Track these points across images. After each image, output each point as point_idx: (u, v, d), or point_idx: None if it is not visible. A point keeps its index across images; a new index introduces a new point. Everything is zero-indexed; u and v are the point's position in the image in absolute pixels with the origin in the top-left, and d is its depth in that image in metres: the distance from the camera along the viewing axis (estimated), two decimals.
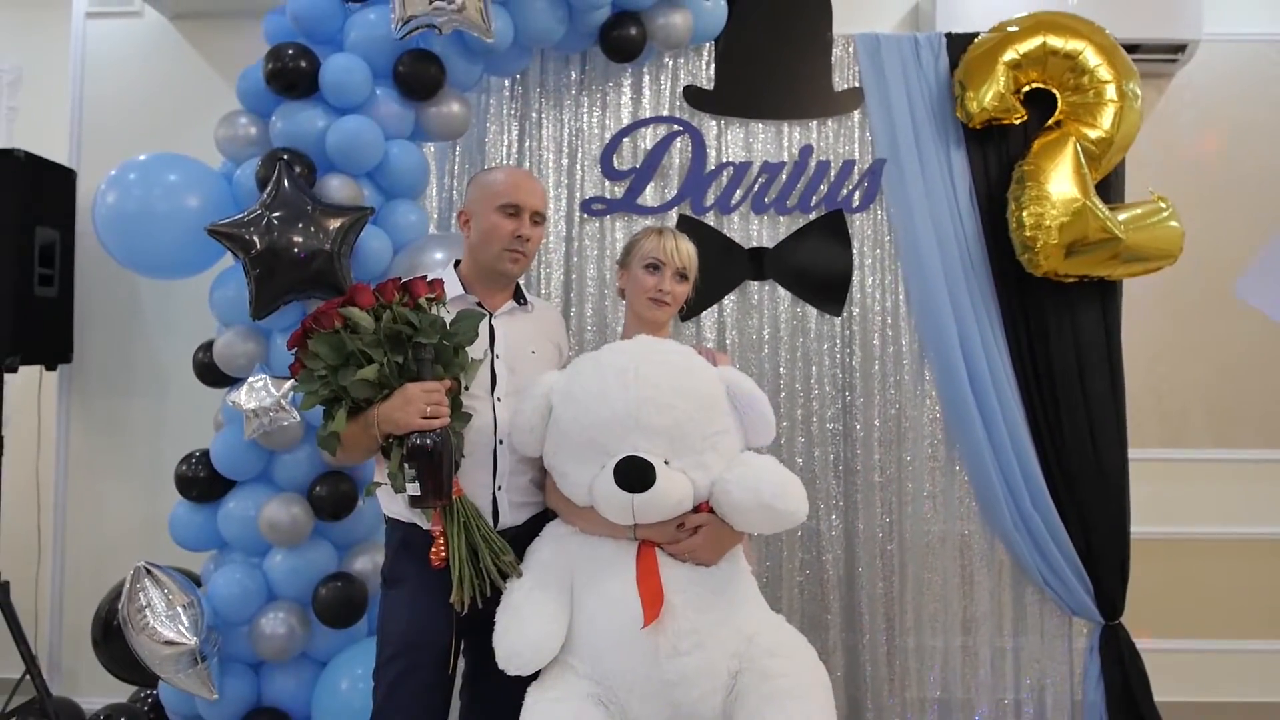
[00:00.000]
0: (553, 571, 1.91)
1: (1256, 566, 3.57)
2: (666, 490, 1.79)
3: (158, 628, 2.43)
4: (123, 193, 2.67)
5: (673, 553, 1.87)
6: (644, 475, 1.77)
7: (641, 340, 1.97)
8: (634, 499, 1.78)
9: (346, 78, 2.63)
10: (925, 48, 3.11)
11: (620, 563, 1.86)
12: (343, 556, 2.78)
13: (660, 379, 1.84)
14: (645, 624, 1.76)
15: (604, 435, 1.83)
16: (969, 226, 3.05)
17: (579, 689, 1.80)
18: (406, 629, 1.94)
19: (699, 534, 1.87)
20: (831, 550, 3.09)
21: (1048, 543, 2.99)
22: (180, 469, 2.73)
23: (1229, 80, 3.66)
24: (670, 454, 1.83)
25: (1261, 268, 2.65)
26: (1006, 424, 3.00)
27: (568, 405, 1.89)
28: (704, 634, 1.81)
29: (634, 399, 1.82)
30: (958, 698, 3.11)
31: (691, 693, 1.78)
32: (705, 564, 1.88)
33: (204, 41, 3.57)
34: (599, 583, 1.86)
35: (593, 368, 1.91)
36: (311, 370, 1.87)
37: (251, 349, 2.68)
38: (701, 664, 1.79)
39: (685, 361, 1.92)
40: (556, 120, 3.16)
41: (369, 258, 2.68)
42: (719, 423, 1.88)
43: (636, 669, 1.78)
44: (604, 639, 1.82)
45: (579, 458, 1.88)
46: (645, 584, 1.80)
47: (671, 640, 1.78)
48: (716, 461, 1.87)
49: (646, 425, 1.81)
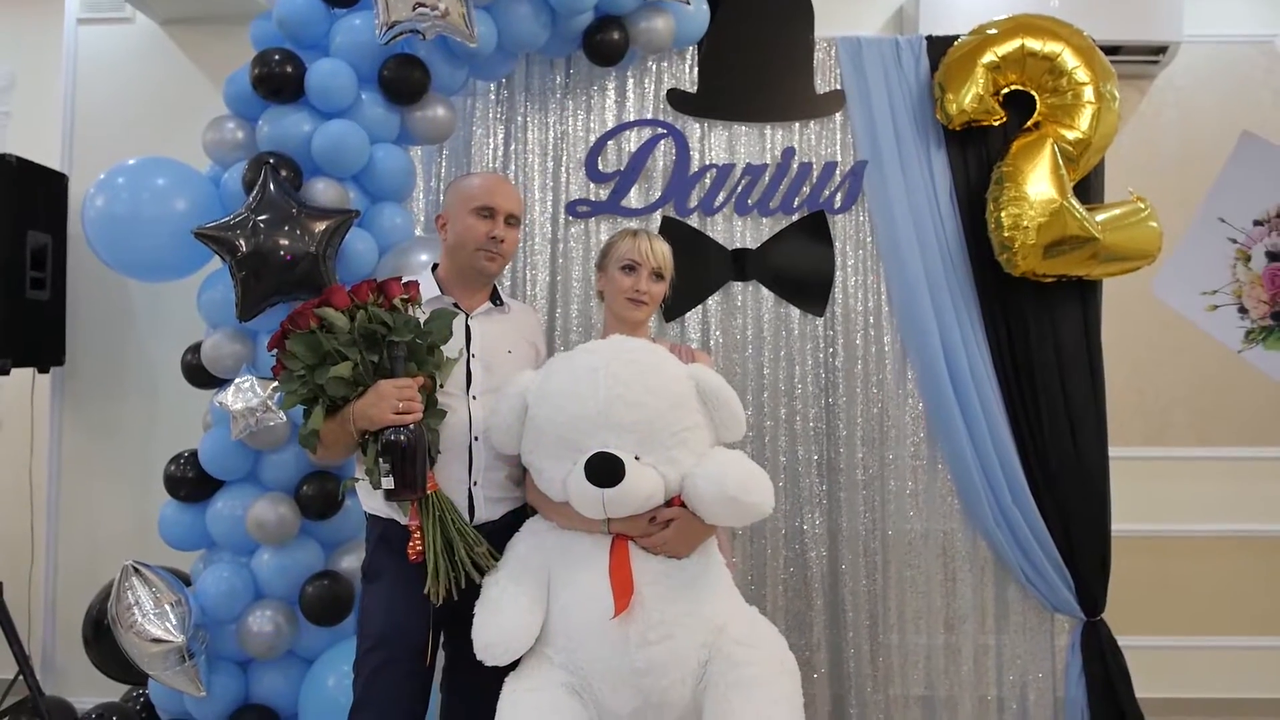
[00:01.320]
0: (528, 565, 1.95)
1: (1238, 564, 3.60)
2: (636, 485, 1.84)
3: (145, 626, 2.47)
4: (111, 196, 2.71)
5: (645, 546, 1.92)
6: (613, 470, 1.82)
7: (613, 340, 2.02)
8: (604, 494, 1.83)
9: (332, 82, 2.67)
10: (906, 50, 3.14)
11: (594, 556, 1.90)
12: (329, 555, 2.81)
13: (630, 377, 1.89)
14: (615, 614, 1.81)
15: (575, 432, 1.88)
16: (949, 227, 3.08)
17: (554, 678, 1.85)
18: (384, 622, 1.98)
19: (670, 527, 1.92)
20: (815, 549, 3.12)
21: (1029, 540, 3.02)
22: (169, 469, 2.77)
23: (1210, 81, 3.70)
24: (640, 450, 1.87)
25: (1173, 267, 2.69)
26: (988, 422, 3.03)
27: (542, 404, 1.94)
28: (673, 624, 1.85)
29: (604, 397, 1.87)
30: (941, 695, 3.13)
31: (661, 681, 1.83)
32: (677, 556, 1.93)
33: (193, 47, 3.61)
34: (573, 575, 1.91)
35: (565, 367, 1.96)
36: (291, 370, 1.91)
37: (238, 350, 2.71)
38: (670, 653, 1.84)
39: (654, 359, 1.96)
40: (541, 123, 3.19)
41: (354, 260, 2.71)
42: (688, 419, 1.93)
43: (608, 658, 1.83)
44: (578, 629, 1.86)
45: (553, 455, 1.92)
46: (616, 576, 1.85)
47: (641, 630, 1.83)
48: (686, 457, 1.92)
49: (616, 422, 1.86)
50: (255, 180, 2.61)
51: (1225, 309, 2.84)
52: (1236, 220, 2.80)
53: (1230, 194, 2.84)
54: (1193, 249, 2.67)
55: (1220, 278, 2.83)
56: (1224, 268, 2.83)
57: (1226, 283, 2.83)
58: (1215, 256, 2.75)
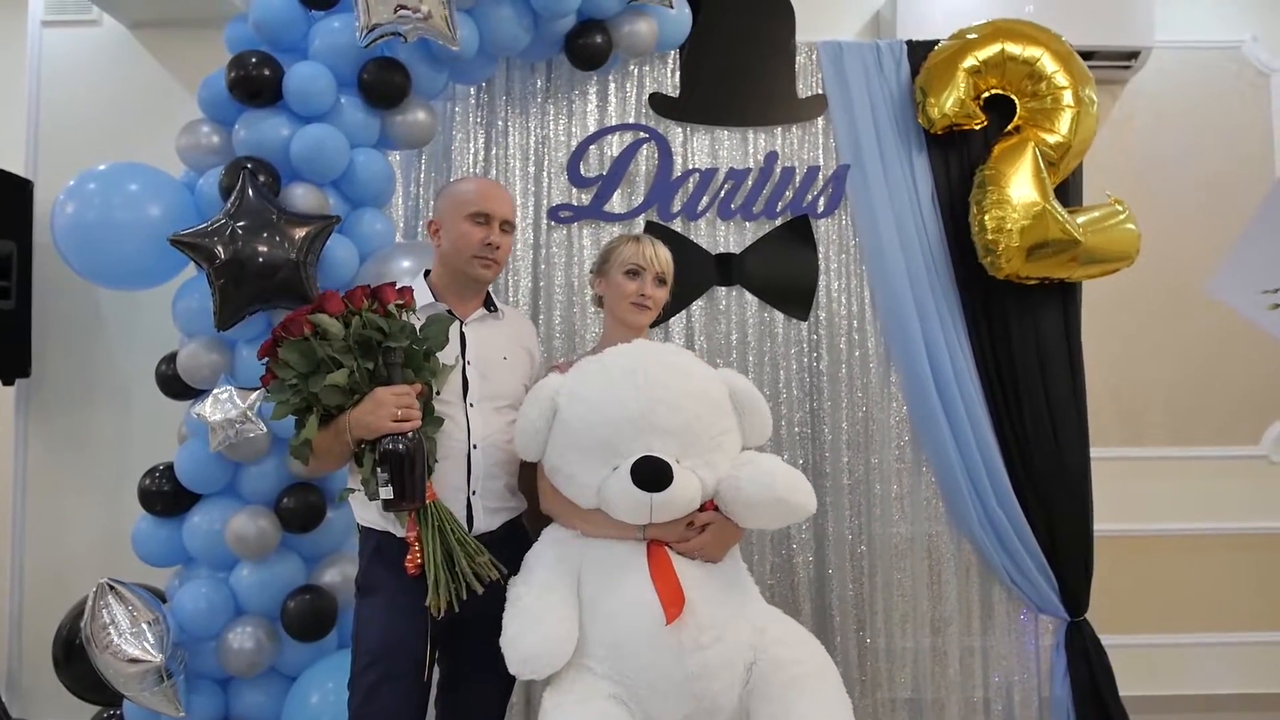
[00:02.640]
0: (559, 574, 1.91)
1: (1215, 561, 3.65)
2: (682, 489, 1.83)
3: (122, 645, 2.39)
4: (82, 203, 2.64)
5: (682, 550, 1.90)
6: (662, 475, 1.80)
7: (641, 344, 2.01)
8: (652, 498, 1.81)
9: (311, 85, 2.62)
10: (887, 55, 3.16)
11: (632, 563, 1.88)
12: (311, 569, 2.75)
13: (670, 381, 1.88)
14: (668, 622, 1.79)
15: (616, 436, 1.86)
16: (932, 230, 3.10)
17: (599, 689, 1.81)
18: (382, 637, 1.92)
19: (707, 531, 1.92)
20: (802, 553, 3.11)
21: (1013, 541, 3.03)
22: (144, 483, 2.70)
23: (1180, 86, 3.76)
24: (681, 453, 1.86)
25: (1232, 266, 2.67)
26: (972, 425, 3.04)
27: (575, 406, 1.90)
28: (722, 627, 1.85)
29: (646, 400, 1.85)
30: (928, 697, 3.13)
31: (713, 685, 1.82)
32: (713, 560, 1.93)
33: (163, 50, 3.53)
34: (614, 583, 1.87)
35: (599, 370, 1.93)
36: (282, 380, 1.86)
37: (216, 360, 2.65)
38: (722, 657, 1.83)
39: (689, 364, 1.97)
40: (523, 128, 3.16)
41: (335, 267, 2.66)
42: (724, 423, 1.93)
43: (661, 666, 1.81)
44: (626, 639, 1.83)
45: (587, 459, 1.89)
46: (663, 583, 1.83)
47: (694, 635, 1.81)
48: (723, 460, 1.92)
49: (659, 426, 1.85)
50: (233, 185, 2.55)
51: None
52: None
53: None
54: (1253, 247, 2.63)
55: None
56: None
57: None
58: (1278, 254, 2.68)
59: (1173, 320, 3.72)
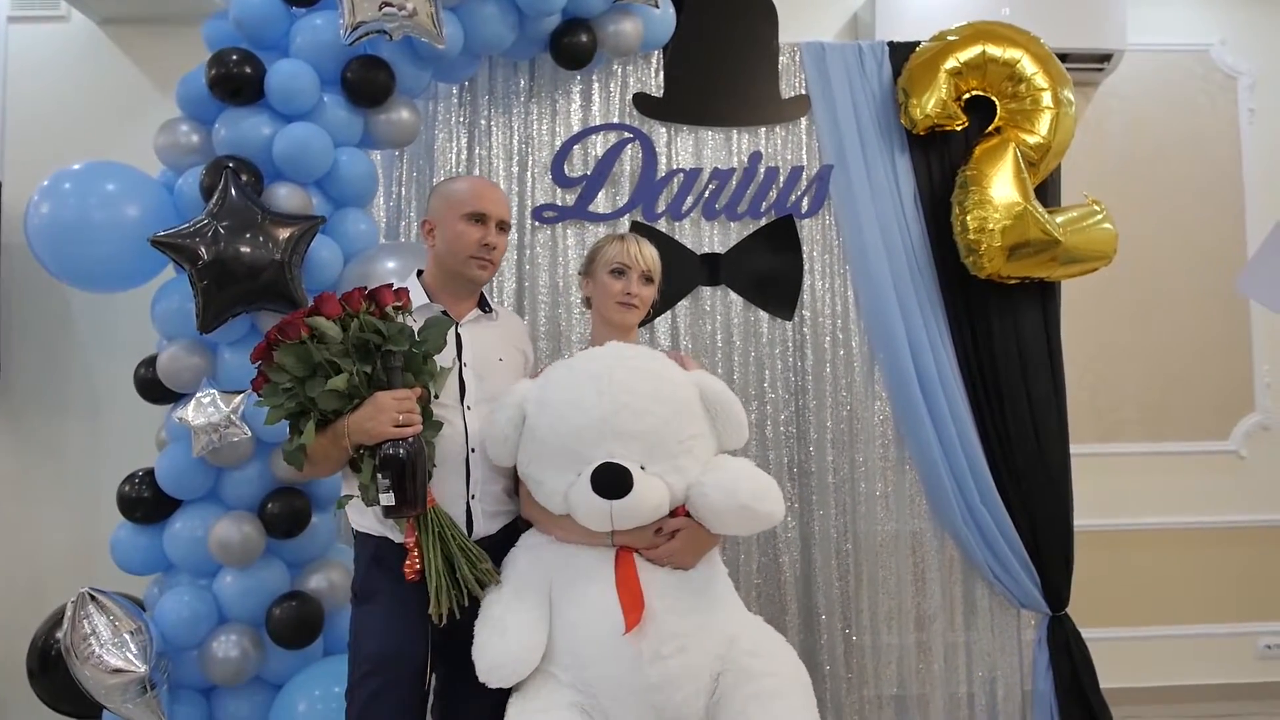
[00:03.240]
0: (530, 581, 1.89)
1: (1187, 555, 3.72)
2: (644, 496, 1.79)
3: (104, 656, 2.33)
4: (58, 202, 2.57)
5: (651, 558, 1.87)
6: (621, 481, 1.77)
7: (614, 346, 1.97)
8: (612, 505, 1.78)
9: (293, 84, 2.57)
10: (869, 56, 3.17)
11: (599, 570, 1.85)
12: (295, 575, 2.70)
13: (635, 385, 1.85)
14: (627, 630, 1.76)
15: (579, 442, 1.83)
16: (914, 230, 3.12)
17: (562, 698, 1.79)
18: (382, 645, 1.89)
19: (677, 538, 1.88)
20: (788, 552, 3.12)
21: (996, 538, 3.07)
22: (123, 489, 2.63)
23: (1151, 88, 3.83)
24: (646, 459, 1.83)
25: (1260, 262, 2.68)
26: (955, 423, 3.07)
27: (542, 413, 1.88)
28: (685, 637, 1.81)
29: (609, 405, 1.82)
30: (913, 693, 3.15)
31: (675, 696, 1.79)
32: (684, 568, 1.89)
33: (134, 47, 3.45)
34: (578, 590, 1.85)
35: (566, 375, 1.90)
36: (276, 384, 1.83)
37: (197, 363, 2.59)
38: (684, 667, 1.80)
39: (658, 367, 1.92)
40: (506, 127, 3.13)
41: (319, 268, 2.62)
42: (693, 427, 1.89)
43: (620, 675, 1.78)
44: (586, 646, 1.81)
45: (554, 466, 1.86)
46: (625, 590, 1.80)
47: (654, 645, 1.78)
48: (692, 465, 1.88)
49: (622, 431, 1.81)
50: (214, 185, 2.49)
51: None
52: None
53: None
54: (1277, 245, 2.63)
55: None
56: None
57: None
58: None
59: (1144, 319, 3.79)
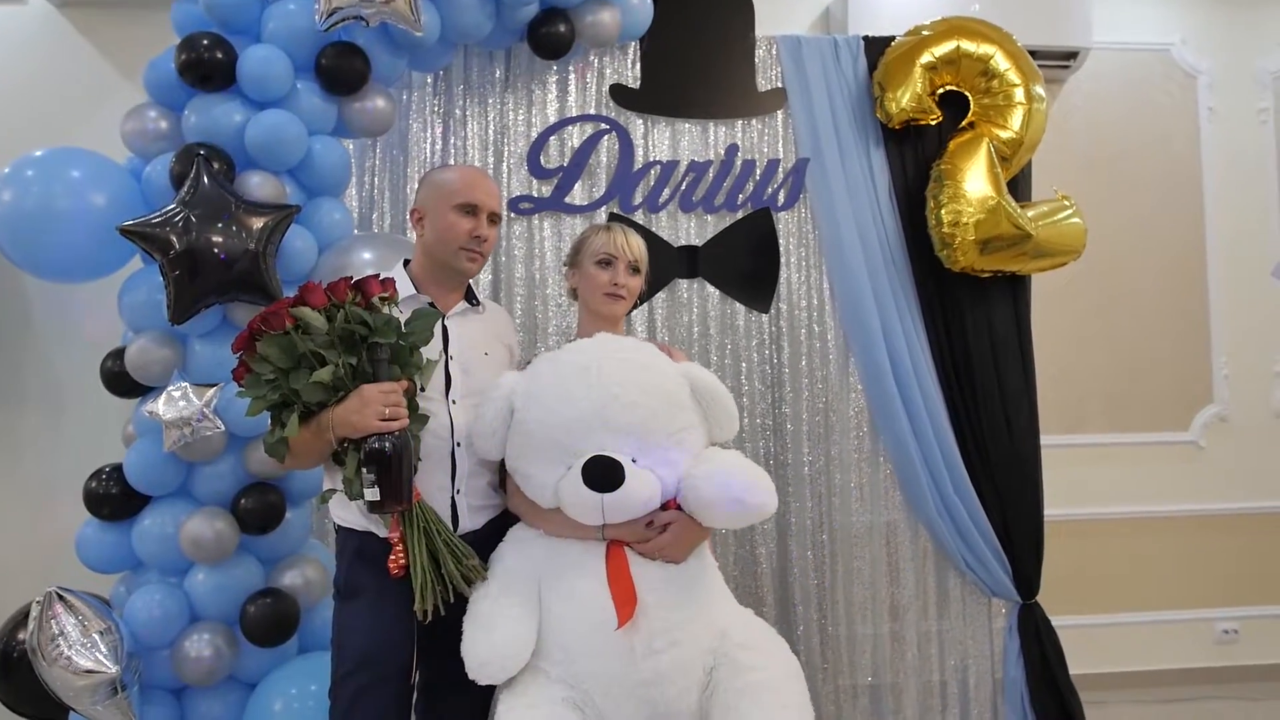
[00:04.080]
0: (518, 576, 1.87)
1: (1148, 543, 3.80)
2: (635, 489, 1.78)
3: (73, 657, 2.26)
4: (20, 190, 2.49)
5: (642, 552, 1.86)
6: (613, 474, 1.76)
7: (601, 338, 1.96)
8: (604, 499, 1.77)
9: (267, 70, 2.51)
10: (845, 50, 3.19)
11: (589, 564, 1.83)
12: (268, 572, 2.65)
13: (624, 377, 1.83)
14: (619, 625, 1.75)
15: (569, 435, 1.81)
16: (889, 224, 3.14)
17: (553, 693, 1.77)
18: (367, 641, 1.86)
19: (668, 531, 1.87)
20: (765, 544, 3.13)
21: (969, 527, 3.10)
22: (90, 485, 2.56)
23: (1115, 86, 3.89)
24: (637, 452, 1.82)
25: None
26: (929, 414, 3.10)
27: (530, 406, 1.86)
28: (677, 631, 1.81)
29: (599, 398, 1.80)
30: (887, 682, 3.19)
31: (668, 691, 1.78)
32: (674, 561, 1.88)
33: (95, 31, 3.34)
34: (569, 585, 1.83)
35: (553, 367, 1.89)
36: (259, 375, 1.78)
37: (167, 356, 2.52)
38: (677, 661, 1.79)
39: (647, 358, 1.91)
40: (481, 117, 3.10)
41: (293, 258, 2.57)
42: (683, 419, 1.88)
43: (611, 670, 1.77)
44: (577, 642, 1.80)
45: (543, 459, 1.85)
46: (617, 584, 1.78)
47: (646, 639, 1.77)
48: (683, 458, 1.87)
49: (612, 424, 1.80)
50: (185, 173, 2.43)
51: None
52: None
53: None
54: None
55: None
56: None
57: None
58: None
59: (1107, 313, 3.86)
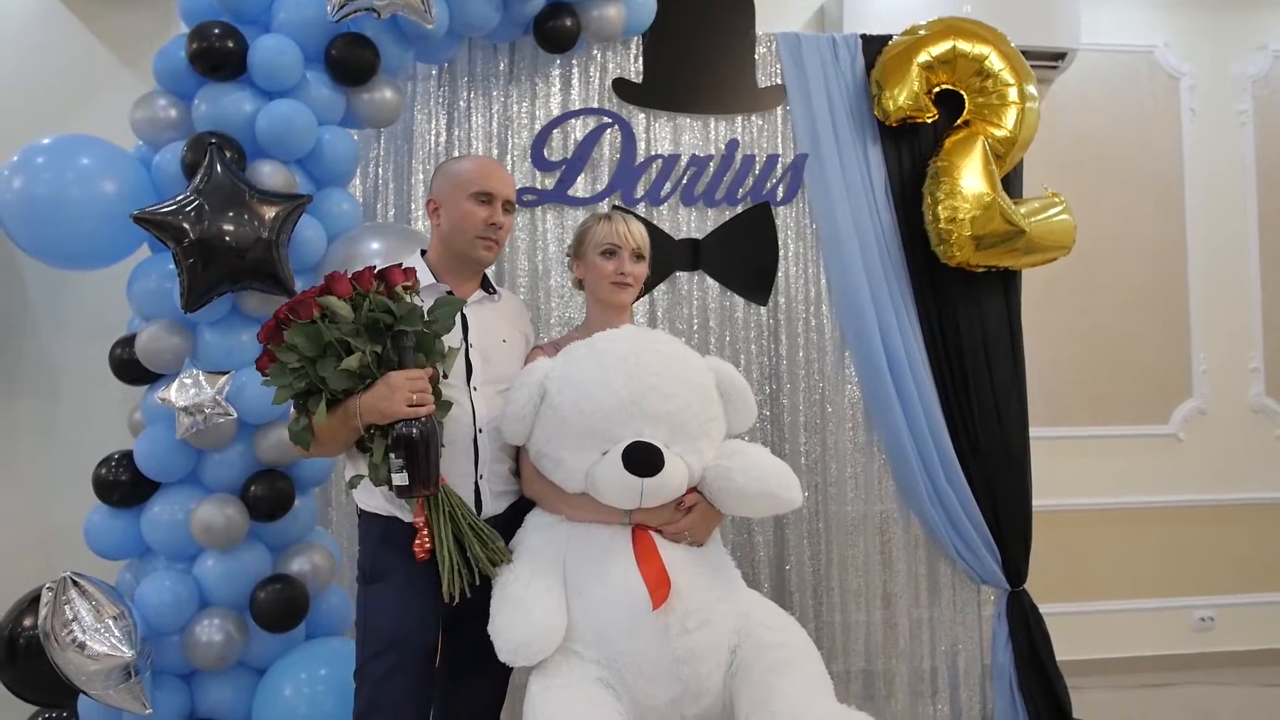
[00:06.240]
0: (545, 559, 1.92)
1: (1129, 533, 3.91)
2: (673, 474, 1.86)
3: (88, 642, 2.28)
4: (31, 177, 2.49)
5: (670, 534, 1.93)
6: (653, 460, 1.83)
7: (631, 329, 2.02)
8: (644, 483, 1.83)
9: (277, 59, 2.53)
10: (843, 48, 3.24)
11: (616, 548, 1.90)
12: (277, 558, 2.67)
13: (660, 367, 1.90)
14: (655, 606, 1.81)
15: (608, 422, 1.87)
16: (885, 219, 3.21)
17: (587, 673, 1.83)
18: (395, 624, 1.90)
19: (693, 513, 1.94)
20: (762, 532, 3.18)
21: (961, 517, 3.18)
22: (99, 472, 2.57)
23: (1102, 87, 3.98)
24: (670, 439, 1.89)
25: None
26: (923, 406, 3.17)
27: (566, 391, 1.91)
28: (707, 611, 1.88)
29: (638, 386, 1.87)
30: (879, 668, 3.26)
31: (700, 668, 1.85)
32: (698, 543, 1.96)
33: (94, 18, 3.32)
34: (599, 568, 1.89)
35: (590, 355, 1.94)
36: (284, 364, 1.81)
37: (178, 343, 2.54)
38: (708, 640, 1.86)
39: (679, 351, 1.99)
40: (485, 110, 3.12)
41: (303, 248, 2.59)
42: (711, 410, 1.97)
43: (647, 650, 1.83)
44: (612, 623, 1.85)
45: (577, 444, 1.90)
46: (648, 567, 1.85)
47: (680, 619, 1.84)
48: (708, 447, 1.96)
49: (650, 412, 1.86)
50: (198, 161, 2.44)
51: None
52: None
53: None
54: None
55: None
56: None
57: None
58: None
59: (1090, 308, 3.96)
